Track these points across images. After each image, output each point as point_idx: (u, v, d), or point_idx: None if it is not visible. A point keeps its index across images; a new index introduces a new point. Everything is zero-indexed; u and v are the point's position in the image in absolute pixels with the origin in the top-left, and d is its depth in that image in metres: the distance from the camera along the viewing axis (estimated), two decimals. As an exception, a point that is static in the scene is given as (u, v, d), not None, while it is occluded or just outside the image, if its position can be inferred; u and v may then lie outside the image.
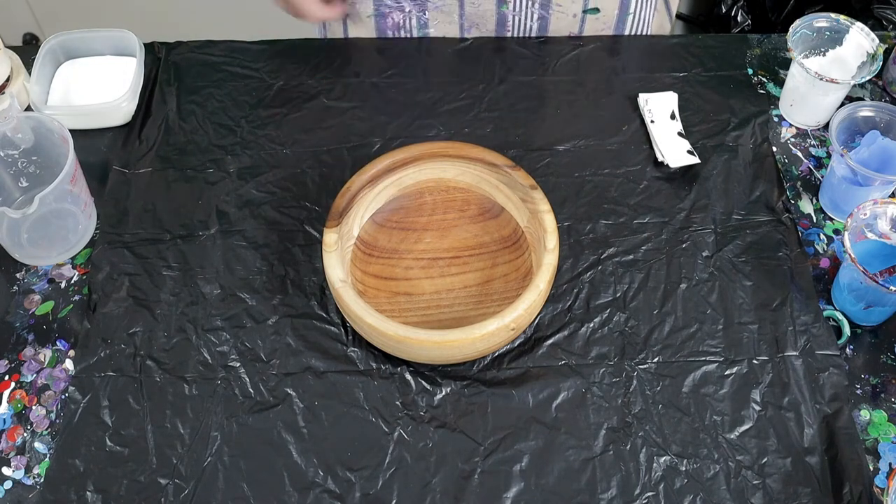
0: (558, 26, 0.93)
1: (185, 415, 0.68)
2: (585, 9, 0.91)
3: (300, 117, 0.87)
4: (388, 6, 0.91)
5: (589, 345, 0.72)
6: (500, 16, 0.91)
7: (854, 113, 0.79)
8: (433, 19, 0.92)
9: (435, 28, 0.93)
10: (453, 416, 0.68)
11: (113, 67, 0.90)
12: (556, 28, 0.93)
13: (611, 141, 0.86)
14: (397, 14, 0.91)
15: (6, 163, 0.77)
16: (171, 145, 0.85)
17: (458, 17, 0.92)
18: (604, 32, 0.95)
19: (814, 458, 0.66)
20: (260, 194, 0.81)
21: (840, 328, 0.73)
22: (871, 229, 0.73)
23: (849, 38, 0.85)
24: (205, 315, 0.73)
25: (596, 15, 0.92)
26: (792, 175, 0.84)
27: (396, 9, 0.90)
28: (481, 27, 0.93)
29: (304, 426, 0.67)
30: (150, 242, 0.78)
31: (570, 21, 0.93)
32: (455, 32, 0.94)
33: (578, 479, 0.65)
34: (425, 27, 0.93)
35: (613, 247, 0.78)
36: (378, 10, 0.92)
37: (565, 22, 0.93)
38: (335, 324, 0.73)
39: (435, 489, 0.65)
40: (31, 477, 0.65)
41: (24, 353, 0.71)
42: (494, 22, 0.92)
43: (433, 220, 0.78)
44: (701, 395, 0.69)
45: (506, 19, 0.91)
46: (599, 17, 0.93)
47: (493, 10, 0.91)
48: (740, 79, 0.91)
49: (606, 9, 0.92)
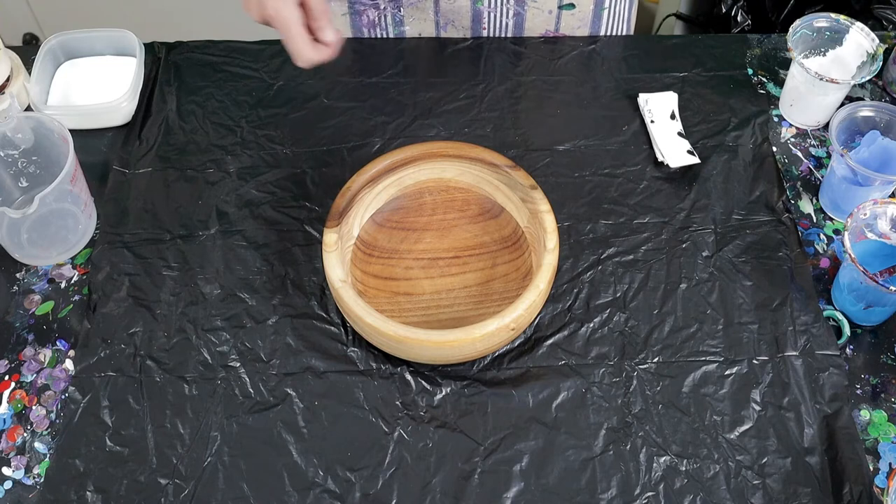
0: (534, 23, 0.93)
1: (185, 415, 0.68)
2: (561, 4, 0.91)
3: (300, 117, 0.87)
4: (362, 4, 0.91)
5: (589, 345, 0.72)
6: (475, 12, 0.91)
7: (854, 113, 0.79)
8: (408, 16, 0.92)
9: (410, 26, 0.93)
10: (453, 416, 0.68)
11: (113, 67, 0.90)
12: (532, 24, 0.93)
13: (611, 141, 0.86)
14: (372, 12, 0.91)
15: (6, 163, 0.77)
16: (171, 145, 0.85)
17: (433, 14, 0.92)
18: (580, 30, 0.94)
19: (814, 458, 0.66)
20: (260, 194, 0.81)
21: (840, 328, 0.73)
22: (871, 229, 0.73)
23: (849, 38, 0.85)
24: (205, 315, 0.73)
25: (571, 11, 0.92)
26: (792, 175, 0.84)
27: (371, 6, 0.90)
28: (457, 24, 0.93)
29: (304, 426, 0.67)
30: (150, 242, 0.78)
31: (546, 17, 0.92)
32: (431, 29, 0.93)
33: (578, 479, 0.65)
34: (400, 24, 0.93)
35: (613, 247, 0.78)
36: (353, 7, 0.92)
37: (541, 18, 0.92)
38: (335, 324, 0.73)
39: (435, 489, 0.65)
40: (31, 477, 0.65)
41: (24, 353, 0.71)
42: (470, 18, 0.92)
43: (433, 220, 0.78)
44: (701, 395, 0.69)
45: (481, 16, 0.91)
46: (575, 14, 0.93)
47: (469, 6, 0.90)
48: (740, 79, 0.91)
49: (582, 3, 0.92)
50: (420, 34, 0.94)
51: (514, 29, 0.93)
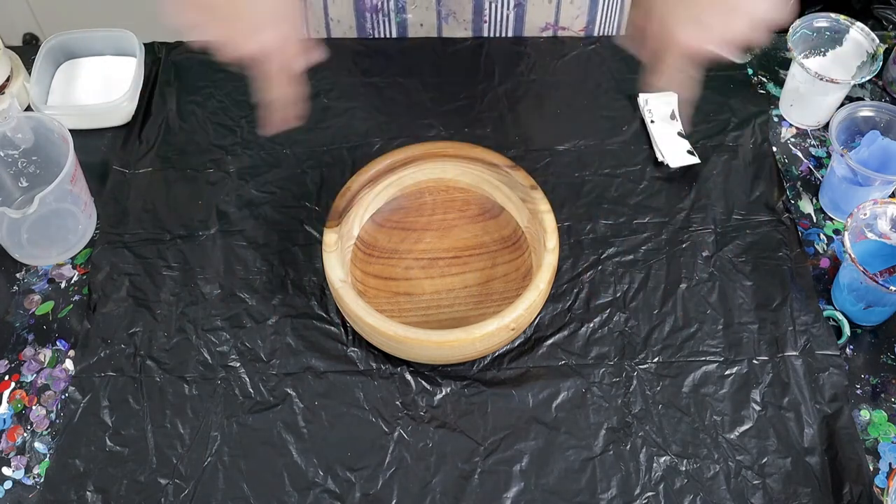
0: (534, 13, 0.93)
1: (185, 415, 0.68)
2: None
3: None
4: None
5: (589, 345, 0.72)
6: (476, 2, 0.91)
7: (854, 113, 0.79)
8: (410, 3, 0.92)
9: (413, 14, 0.93)
10: (453, 416, 0.68)
11: (113, 67, 0.90)
12: (533, 16, 0.93)
13: (611, 141, 0.86)
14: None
15: (6, 163, 0.77)
16: (171, 145, 0.85)
17: (434, 3, 0.92)
18: (579, 19, 0.94)
19: (814, 458, 0.66)
20: (260, 194, 0.81)
21: (840, 328, 0.73)
22: (871, 229, 0.73)
23: (849, 38, 0.85)
24: (205, 315, 0.73)
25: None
26: (792, 175, 0.84)
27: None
28: (458, 15, 0.92)
29: (304, 426, 0.67)
30: (150, 242, 0.78)
31: (546, 7, 0.92)
32: (432, 19, 0.93)
33: (578, 479, 0.65)
34: (403, 11, 0.92)
35: (613, 247, 0.78)
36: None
37: (542, 8, 0.92)
38: (335, 324, 0.73)
39: (435, 489, 0.65)
40: (31, 477, 0.65)
41: (24, 353, 0.71)
42: (471, 10, 0.92)
43: (433, 220, 0.78)
44: (701, 395, 0.69)
45: (482, 6, 0.91)
46: (574, 1, 0.93)
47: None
48: (740, 79, 0.91)
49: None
50: (421, 24, 0.94)
51: (514, 21, 0.93)
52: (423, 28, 0.94)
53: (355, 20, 0.95)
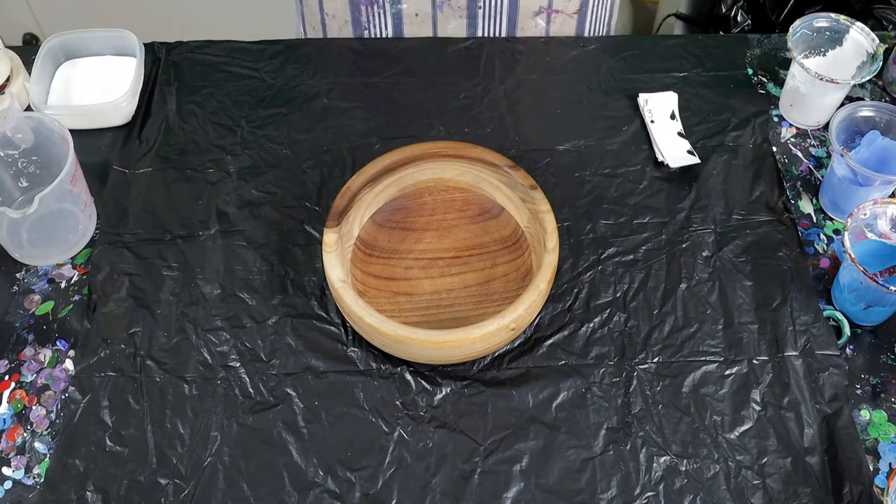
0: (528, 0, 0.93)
1: (185, 415, 0.68)
2: None
3: (300, 117, 0.87)
4: None
5: (589, 345, 0.72)
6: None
7: (854, 113, 0.79)
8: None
9: (408, 4, 0.93)
10: (453, 416, 0.68)
11: (113, 67, 0.90)
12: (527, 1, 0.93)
13: (611, 141, 0.86)
14: None
15: (6, 163, 0.77)
16: (171, 145, 0.85)
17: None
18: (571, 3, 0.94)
19: (814, 458, 0.66)
20: (260, 194, 0.81)
21: (840, 328, 0.73)
22: (871, 229, 0.73)
23: (849, 38, 0.85)
24: (205, 315, 0.73)
25: None
26: (792, 175, 0.84)
27: None
28: (453, 2, 0.92)
29: (304, 426, 0.67)
30: (150, 242, 0.78)
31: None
32: (427, 8, 0.93)
33: (578, 479, 0.65)
34: (397, 2, 0.92)
35: (613, 247, 0.78)
36: None
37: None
38: (335, 324, 0.73)
39: (435, 489, 0.65)
40: (31, 477, 0.65)
41: (24, 353, 0.71)
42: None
43: (433, 220, 0.78)
44: (701, 395, 0.69)
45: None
46: None
47: None
48: (740, 79, 0.91)
49: None
50: (416, 14, 0.94)
51: (508, 6, 0.93)
52: (417, 17, 0.94)
53: (350, 14, 0.95)
